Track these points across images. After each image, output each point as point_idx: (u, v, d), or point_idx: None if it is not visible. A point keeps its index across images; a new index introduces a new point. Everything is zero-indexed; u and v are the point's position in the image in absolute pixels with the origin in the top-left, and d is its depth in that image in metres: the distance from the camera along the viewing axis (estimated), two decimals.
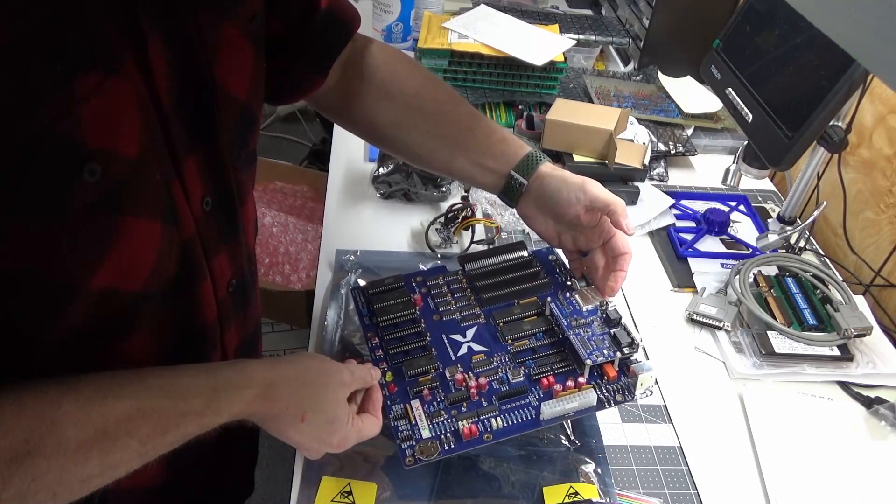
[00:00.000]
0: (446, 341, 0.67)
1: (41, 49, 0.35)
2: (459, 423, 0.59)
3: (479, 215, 0.93)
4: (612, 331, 0.65)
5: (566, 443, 0.68)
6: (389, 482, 0.63)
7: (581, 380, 0.62)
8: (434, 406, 0.61)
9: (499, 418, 0.60)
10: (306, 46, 0.64)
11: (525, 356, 0.65)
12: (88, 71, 0.37)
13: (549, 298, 0.68)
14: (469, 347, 0.66)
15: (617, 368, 0.63)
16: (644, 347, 0.79)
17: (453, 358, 0.65)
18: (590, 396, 0.60)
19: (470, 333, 0.67)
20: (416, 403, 0.61)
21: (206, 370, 0.50)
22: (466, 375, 0.63)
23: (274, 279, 1.50)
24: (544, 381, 0.62)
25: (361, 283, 0.78)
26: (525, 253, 0.75)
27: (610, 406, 0.62)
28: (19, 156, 0.35)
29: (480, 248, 0.90)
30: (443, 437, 0.59)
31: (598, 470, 0.65)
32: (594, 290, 0.70)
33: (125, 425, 0.43)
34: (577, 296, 0.69)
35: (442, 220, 0.92)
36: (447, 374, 0.63)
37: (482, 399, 0.61)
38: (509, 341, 0.66)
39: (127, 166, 0.41)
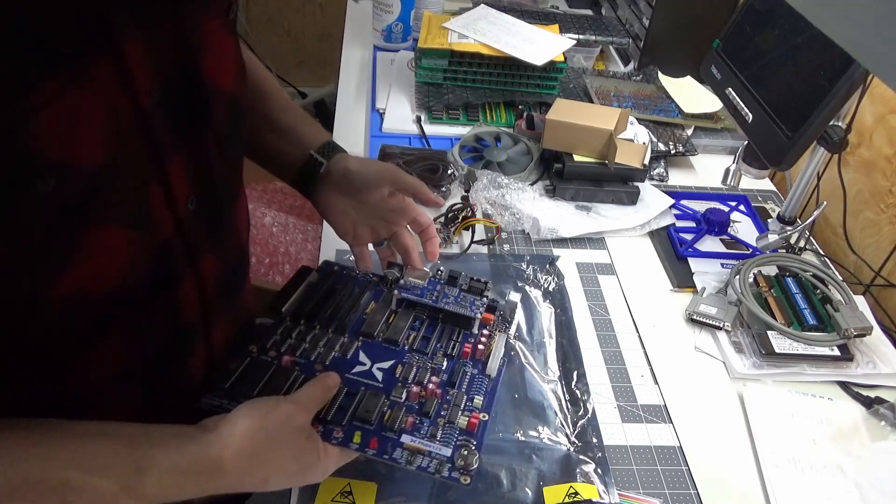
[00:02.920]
0: (355, 377, 0.62)
1: None
2: (458, 421, 0.59)
3: (479, 215, 0.93)
4: (463, 286, 0.70)
5: (566, 443, 0.68)
6: (389, 482, 0.62)
7: (485, 331, 0.67)
8: (426, 427, 0.58)
9: (475, 397, 0.61)
10: None
11: (426, 345, 0.65)
12: (46, 77, 0.35)
13: (396, 292, 0.69)
14: (379, 368, 0.63)
15: (488, 312, 0.69)
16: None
17: (381, 384, 0.61)
18: (501, 339, 0.67)
19: (364, 358, 0.64)
20: (408, 438, 0.57)
21: (133, 443, 0.44)
22: (416, 387, 0.61)
23: (274, 279, 1.50)
24: (465, 350, 0.65)
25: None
26: (315, 277, 0.71)
27: (511, 339, 0.70)
28: None
29: (481, 247, 0.90)
30: (459, 441, 0.57)
31: (599, 470, 0.65)
32: (415, 271, 0.72)
33: (8, 499, 0.39)
34: (410, 278, 0.70)
35: (442, 220, 0.92)
36: (400, 397, 0.60)
37: (446, 393, 0.61)
38: (403, 343, 0.65)
39: (88, 175, 0.39)
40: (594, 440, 0.68)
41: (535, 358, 0.76)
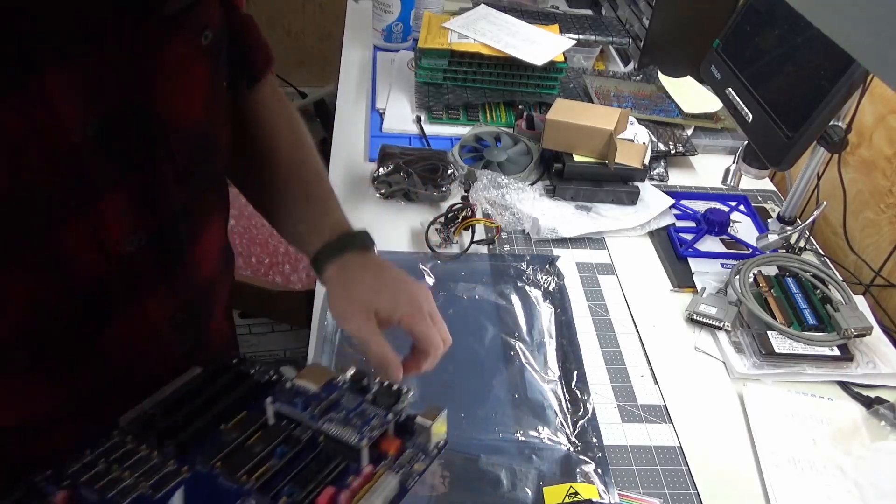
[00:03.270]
0: None
1: None
2: None
3: (479, 215, 0.93)
4: (367, 396, 0.50)
5: (566, 443, 0.68)
6: None
7: (367, 470, 0.46)
8: None
9: None
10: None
11: (278, 483, 0.46)
12: None
13: (269, 399, 0.50)
14: None
15: (397, 436, 0.49)
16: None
17: None
18: (390, 480, 0.45)
19: (178, 500, 0.46)
20: None
21: None
22: None
23: (274, 279, 1.50)
24: (320, 501, 0.44)
25: None
26: (196, 373, 0.55)
27: (413, 482, 0.47)
28: None
29: (479, 248, 0.90)
30: None
31: (599, 470, 0.65)
32: (316, 368, 0.54)
33: None
34: (300, 381, 0.52)
35: (442, 220, 0.92)
36: None
37: None
38: (244, 479, 0.46)
39: None
40: (594, 440, 0.68)
41: (535, 358, 0.76)
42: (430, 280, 0.85)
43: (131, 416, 0.50)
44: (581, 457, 0.66)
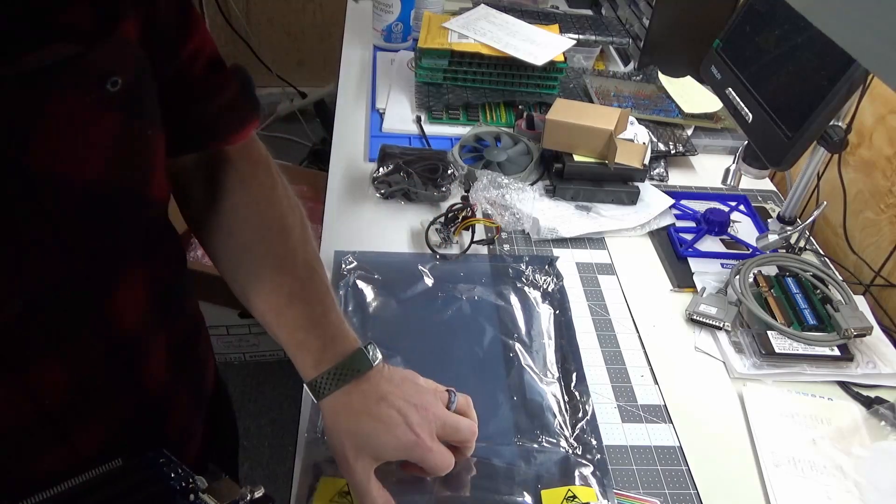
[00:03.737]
0: None
1: None
2: None
3: (479, 215, 0.93)
4: None
5: (565, 445, 0.68)
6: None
7: None
8: None
9: None
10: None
11: None
12: None
13: None
14: None
15: None
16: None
17: None
18: None
19: None
20: None
21: None
22: None
23: None
24: None
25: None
26: (118, 462, 0.53)
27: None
28: None
29: (481, 247, 0.90)
30: None
31: (597, 473, 0.65)
32: (229, 485, 0.53)
33: None
34: (204, 496, 0.50)
35: (442, 220, 0.92)
36: None
37: None
38: None
39: None
40: (593, 442, 0.68)
41: (535, 359, 0.76)
42: (429, 281, 0.85)
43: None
44: (580, 459, 0.66)
